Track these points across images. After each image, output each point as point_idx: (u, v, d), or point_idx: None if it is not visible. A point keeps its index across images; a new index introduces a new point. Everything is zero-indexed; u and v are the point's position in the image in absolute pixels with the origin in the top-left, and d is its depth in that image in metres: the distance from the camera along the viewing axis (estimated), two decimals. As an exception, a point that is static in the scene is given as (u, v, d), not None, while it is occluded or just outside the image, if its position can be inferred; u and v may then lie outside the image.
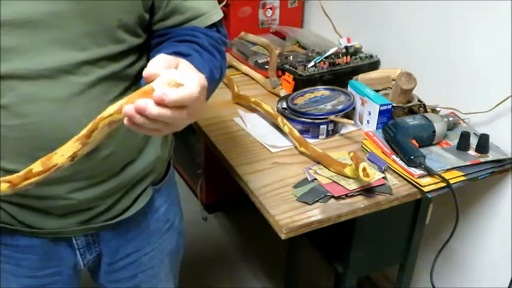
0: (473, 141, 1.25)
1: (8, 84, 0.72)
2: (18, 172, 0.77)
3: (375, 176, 1.11)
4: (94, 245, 0.96)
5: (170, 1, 0.82)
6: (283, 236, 1.01)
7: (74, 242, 0.93)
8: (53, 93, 0.74)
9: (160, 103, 0.56)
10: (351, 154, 1.16)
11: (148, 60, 0.85)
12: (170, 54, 0.72)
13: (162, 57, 0.62)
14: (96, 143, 0.63)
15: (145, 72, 0.60)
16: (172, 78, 0.56)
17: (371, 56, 1.65)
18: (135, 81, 0.84)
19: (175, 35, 0.83)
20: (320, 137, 1.33)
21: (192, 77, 0.60)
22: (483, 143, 1.23)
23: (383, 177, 1.14)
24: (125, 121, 0.58)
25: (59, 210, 0.85)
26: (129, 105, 0.56)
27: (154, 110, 0.56)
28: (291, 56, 1.67)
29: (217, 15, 0.87)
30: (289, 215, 1.04)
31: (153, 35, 0.86)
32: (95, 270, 1.04)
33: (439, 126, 1.24)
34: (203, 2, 0.85)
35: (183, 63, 0.64)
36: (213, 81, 0.80)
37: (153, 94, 0.56)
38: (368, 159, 1.23)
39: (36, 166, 0.64)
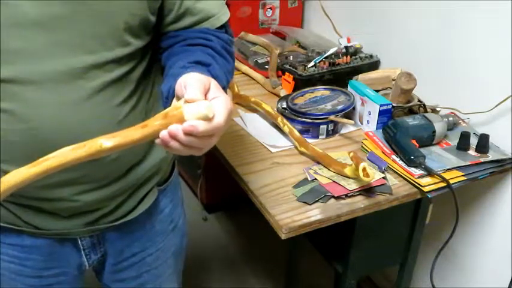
0: (473, 141, 1.25)
1: (13, 88, 0.71)
2: None
3: (374, 176, 1.11)
4: (99, 245, 0.96)
5: (183, 3, 0.82)
6: (283, 236, 1.01)
7: (80, 242, 0.94)
8: (60, 98, 0.74)
9: (189, 134, 0.59)
10: (351, 154, 1.16)
11: (150, 63, 0.86)
12: (191, 62, 0.74)
13: (197, 80, 0.64)
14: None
15: (187, 97, 0.62)
16: (205, 114, 0.59)
17: (371, 56, 1.65)
18: (139, 85, 0.84)
19: (188, 37, 0.83)
20: (320, 137, 1.33)
21: (221, 105, 0.62)
22: (483, 143, 1.23)
23: (383, 177, 1.14)
24: (158, 141, 0.61)
25: (64, 211, 0.85)
26: (165, 131, 0.60)
27: (184, 137, 0.59)
28: (291, 56, 1.67)
29: (225, 16, 0.87)
30: (289, 215, 1.04)
31: (163, 37, 0.85)
32: (100, 270, 1.04)
33: (439, 126, 1.24)
34: (213, 3, 0.85)
35: (213, 83, 0.66)
36: (227, 85, 0.81)
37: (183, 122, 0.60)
38: (368, 159, 1.23)
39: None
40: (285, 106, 1.39)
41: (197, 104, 0.60)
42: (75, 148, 0.59)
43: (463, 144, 1.24)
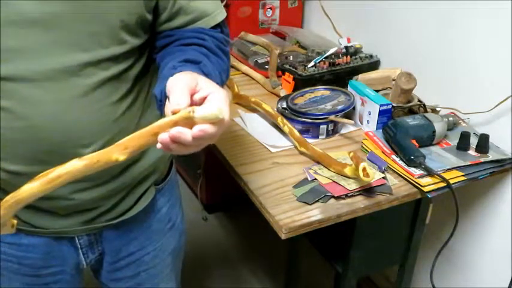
0: (473, 141, 1.25)
1: (11, 86, 0.72)
2: (21, 173, 0.77)
3: (374, 176, 1.11)
4: (97, 244, 0.97)
5: (176, 2, 0.81)
6: (283, 236, 1.01)
7: (77, 241, 0.94)
8: (57, 96, 0.74)
9: (198, 138, 0.57)
10: (351, 154, 1.16)
11: (147, 62, 0.86)
12: (181, 62, 0.73)
13: (181, 87, 0.62)
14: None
15: (172, 107, 0.60)
16: (217, 117, 0.58)
17: (371, 56, 1.65)
18: (135, 83, 0.84)
19: (181, 37, 0.83)
20: (320, 137, 1.33)
21: (221, 100, 0.61)
22: (483, 143, 1.23)
23: (383, 177, 1.14)
24: (158, 146, 0.59)
25: (62, 210, 0.86)
26: (164, 134, 0.58)
27: (191, 141, 0.58)
28: (291, 56, 1.67)
29: (221, 15, 0.87)
30: (289, 215, 1.04)
31: (157, 37, 0.85)
32: (97, 269, 1.04)
33: (439, 126, 1.24)
34: (208, 2, 0.85)
35: (201, 80, 0.65)
36: (222, 84, 0.81)
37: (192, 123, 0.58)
38: (368, 159, 1.23)
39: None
40: (285, 106, 1.39)
41: (207, 109, 0.58)
42: (88, 164, 0.58)
43: (463, 144, 1.24)
